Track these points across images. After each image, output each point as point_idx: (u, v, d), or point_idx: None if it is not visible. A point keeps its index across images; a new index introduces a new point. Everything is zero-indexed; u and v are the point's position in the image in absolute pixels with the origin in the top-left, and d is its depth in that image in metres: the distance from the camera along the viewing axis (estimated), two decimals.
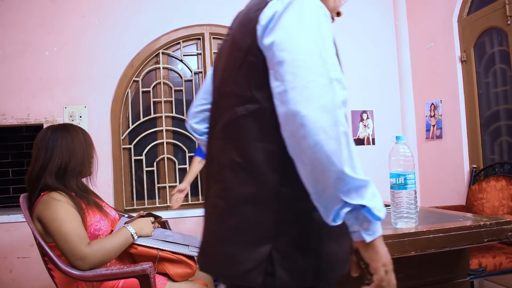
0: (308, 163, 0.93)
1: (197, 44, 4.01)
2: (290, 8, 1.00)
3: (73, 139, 1.94)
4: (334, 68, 0.96)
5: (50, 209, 1.77)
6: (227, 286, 1.16)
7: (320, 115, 0.91)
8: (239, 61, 1.09)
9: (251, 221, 1.04)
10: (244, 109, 1.06)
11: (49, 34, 3.61)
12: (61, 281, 1.89)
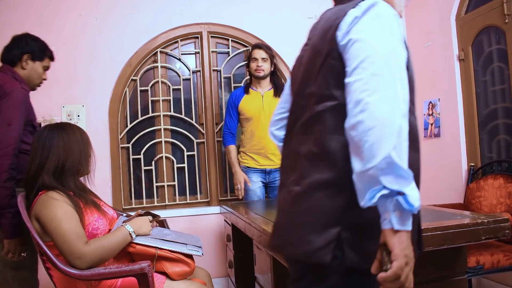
0: (360, 145, 1.02)
1: (195, 43, 4.01)
2: (367, 14, 1.14)
3: (70, 138, 1.94)
4: (398, 70, 1.08)
5: (48, 208, 1.77)
6: (297, 267, 1.27)
7: (380, 105, 1.02)
8: (319, 65, 1.22)
9: (323, 205, 1.14)
10: (323, 106, 1.19)
11: (47, 33, 3.59)
12: (59, 280, 1.88)
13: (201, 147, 3.97)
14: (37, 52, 2.41)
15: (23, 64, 2.36)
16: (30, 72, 2.38)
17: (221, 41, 4.06)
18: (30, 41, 2.41)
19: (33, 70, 2.40)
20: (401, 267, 1.00)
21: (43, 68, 2.45)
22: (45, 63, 2.46)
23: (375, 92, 1.03)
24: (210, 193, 3.92)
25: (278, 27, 4.07)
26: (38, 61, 2.42)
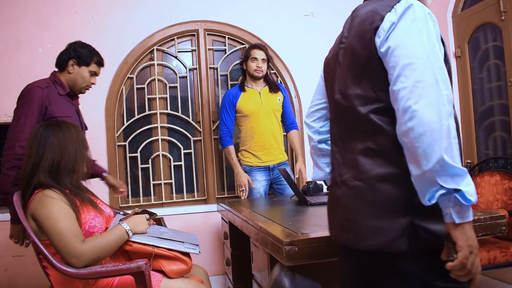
0: (413, 150, 1.10)
1: (192, 41, 4.00)
2: (403, 18, 1.20)
3: (65, 136, 1.93)
4: (440, 71, 1.13)
5: (44, 206, 1.76)
6: (365, 258, 1.30)
7: (427, 110, 1.08)
8: (361, 68, 1.29)
9: (391, 197, 1.21)
10: (372, 107, 1.26)
11: (43, 31, 3.59)
12: (56, 279, 1.88)
13: (198, 145, 3.96)
14: (83, 57, 2.58)
15: (69, 69, 2.57)
16: (76, 76, 2.58)
17: (218, 38, 4.06)
18: (77, 48, 2.60)
19: (79, 74, 2.59)
20: (466, 257, 1.09)
21: (90, 73, 2.62)
22: (92, 68, 2.63)
23: (420, 98, 1.10)
24: (207, 191, 3.92)
25: (275, 25, 4.07)
26: (84, 66, 2.59)
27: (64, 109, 2.52)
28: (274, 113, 3.52)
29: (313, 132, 1.73)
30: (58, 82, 2.57)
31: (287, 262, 1.48)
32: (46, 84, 2.50)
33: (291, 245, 1.48)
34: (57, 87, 2.54)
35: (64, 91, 2.56)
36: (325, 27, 4.20)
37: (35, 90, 2.43)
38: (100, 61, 2.70)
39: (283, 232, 1.65)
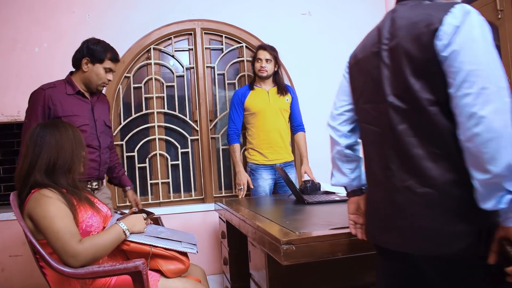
0: (478, 155, 1.12)
1: (189, 40, 4.00)
2: (465, 23, 1.20)
3: (61, 136, 1.92)
4: (501, 79, 1.16)
5: (41, 206, 1.76)
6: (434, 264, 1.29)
7: (494, 117, 1.11)
8: (420, 70, 1.27)
9: (465, 202, 1.20)
10: (434, 109, 1.24)
11: (39, 31, 3.58)
12: (53, 279, 1.87)
13: (195, 144, 3.96)
14: (96, 55, 2.60)
15: (84, 68, 2.60)
16: (90, 74, 2.61)
17: (215, 37, 4.05)
18: (90, 45, 2.62)
19: (93, 72, 2.61)
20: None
21: (105, 69, 2.63)
22: (107, 65, 2.64)
23: (486, 105, 1.12)
24: (204, 190, 3.92)
25: (272, 24, 4.06)
26: (98, 64, 2.61)
27: (71, 108, 2.55)
28: (281, 113, 3.55)
29: (340, 136, 1.66)
30: (69, 81, 2.62)
31: (285, 261, 1.48)
32: (51, 85, 2.56)
33: (288, 244, 1.48)
34: (66, 87, 2.59)
35: (73, 90, 2.60)
36: (322, 26, 4.20)
37: (37, 92, 2.52)
38: (115, 57, 2.70)
39: (280, 231, 1.65)
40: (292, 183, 2.75)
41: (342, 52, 4.22)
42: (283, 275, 1.72)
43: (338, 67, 4.34)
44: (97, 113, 2.71)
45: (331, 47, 4.20)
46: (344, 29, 4.26)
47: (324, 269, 1.73)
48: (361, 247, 1.56)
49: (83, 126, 2.56)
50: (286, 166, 3.56)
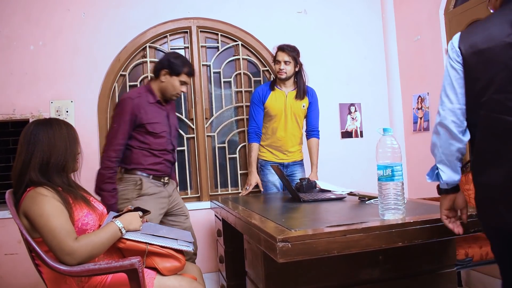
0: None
1: (185, 38, 3.99)
2: None
3: (54, 134, 1.91)
4: None
5: (36, 204, 1.75)
6: None
7: None
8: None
9: None
10: None
11: (34, 28, 3.57)
12: (49, 276, 1.87)
13: (191, 142, 3.96)
14: (175, 68, 2.83)
15: (162, 78, 2.86)
16: (166, 85, 2.86)
17: (211, 35, 4.05)
18: (171, 58, 2.86)
19: (169, 83, 2.86)
20: None
21: (180, 82, 2.87)
22: (182, 78, 2.87)
23: None
24: (200, 188, 3.92)
25: (267, 22, 4.07)
26: (174, 76, 2.85)
27: (153, 116, 2.83)
28: (296, 119, 3.53)
29: (461, 132, 1.60)
30: (150, 90, 2.88)
31: (281, 258, 1.48)
32: (137, 94, 2.82)
33: (284, 242, 1.48)
34: (148, 96, 2.85)
35: (154, 99, 2.87)
36: (318, 24, 4.21)
37: (126, 101, 2.76)
38: (190, 72, 2.92)
39: (276, 229, 1.65)
40: (288, 181, 2.75)
41: (339, 49, 4.24)
42: (279, 273, 1.72)
43: (334, 64, 4.36)
44: (171, 120, 3.00)
45: (327, 45, 4.21)
46: (339, 27, 4.27)
47: (320, 267, 1.74)
48: (356, 244, 1.56)
49: (163, 132, 2.87)
50: (295, 164, 3.59)
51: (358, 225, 1.61)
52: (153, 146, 2.83)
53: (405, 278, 1.85)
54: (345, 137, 4.23)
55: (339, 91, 4.23)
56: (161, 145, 2.86)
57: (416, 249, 1.82)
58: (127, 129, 2.73)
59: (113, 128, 2.74)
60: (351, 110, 4.25)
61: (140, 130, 2.79)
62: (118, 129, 2.70)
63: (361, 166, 4.18)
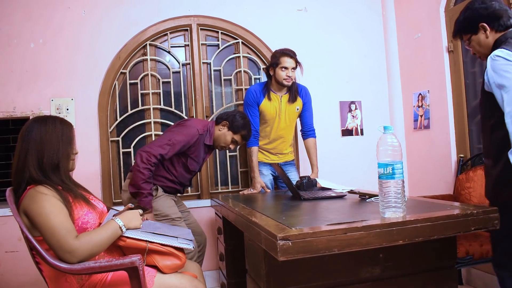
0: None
1: (185, 36, 3.99)
2: None
3: (47, 131, 1.89)
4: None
5: (36, 203, 1.75)
6: None
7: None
8: None
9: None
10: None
11: (35, 26, 3.56)
12: (49, 274, 1.87)
13: None
14: (235, 126, 3.08)
15: (220, 127, 3.11)
16: (220, 136, 3.11)
17: (211, 33, 4.04)
18: (237, 116, 3.11)
19: (224, 135, 3.10)
20: None
21: (232, 139, 3.11)
22: (236, 138, 3.12)
23: None
24: (201, 186, 3.92)
25: (268, 20, 4.06)
26: (231, 132, 3.09)
27: (198, 154, 3.05)
28: (290, 122, 3.49)
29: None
30: (210, 134, 3.09)
31: (281, 257, 1.48)
32: (203, 130, 3.04)
33: (284, 240, 1.48)
34: (206, 137, 3.06)
35: (209, 142, 3.09)
36: (318, 21, 4.20)
37: (194, 132, 2.97)
38: (246, 137, 3.16)
39: (277, 227, 1.65)
40: (289, 179, 2.75)
41: (340, 46, 4.24)
42: (279, 271, 1.72)
43: (334, 62, 4.36)
44: (205, 157, 3.19)
45: (327, 43, 4.20)
46: (340, 25, 4.26)
47: (320, 265, 1.74)
48: (357, 242, 1.56)
49: (193, 171, 3.11)
50: (286, 165, 3.57)
51: (359, 223, 1.61)
52: (179, 178, 3.06)
53: (406, 276, 1.85)
54: (345, 135, 4.23)
55: (340, 89, 4.23)
56: (184, 178, 3.10)
57: (417, 247, 1.82)
58: (175, 150, 2.88)
59: (166, 139, 2.88)
60: (352, 108, 4.24)
61: (179, 157, 3.01)
62: (168, 144, 2.85)
63: (362, 164, 4.18)
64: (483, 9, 2.05)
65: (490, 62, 1.90)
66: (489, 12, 2.04)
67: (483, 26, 2.05)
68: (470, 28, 2.10)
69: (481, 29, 2.06)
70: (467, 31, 2.13)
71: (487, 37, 2.06)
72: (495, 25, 2.03)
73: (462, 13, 2.14)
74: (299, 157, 4.05)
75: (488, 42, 2.06)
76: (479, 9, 2.06)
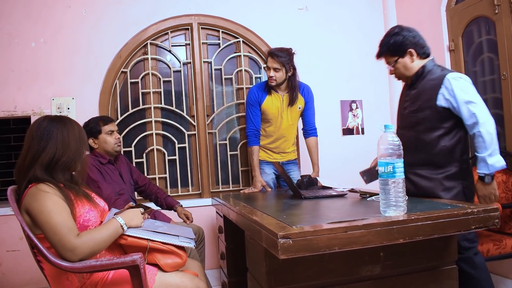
0: None
1: (186, 35, 3.99)
2: None
3: (68, 133, 1.91)
4: None
5: (38, 201, 1.75)
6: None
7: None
8: None
9: None
10: None
11: (36, 25, 3.57)
12: (50, 273, 1.87)
13: (192, 139, 3.96)
14: (94, 131, 2.91)
15: (92, 144, 2.92)
16: (101, 145, 2.95)
17: (212, 32, 4.05)
18: (84, 127, 2.83)
19: (101, 142, 2.94)
20: None
21: (106, 134, 2.94)
22: (104, 131, 2.94)
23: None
24: (201, 185, 3.92)
25: (269, 18, 4.06)
26: (98, 135, 2.93)
27: (101, 179, 2.87)
28: (292, 121, 3.48)
29: None
30: (95, 154, 2.95)
31: (282, 255, 1.48)
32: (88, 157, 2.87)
33: (285, 238, 1.48)
34: (97, 158, 2.93)
35: (105, 158, 2.97)
36: (319, 20, 4.20)
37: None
38: (105, 120, 3.00)
39: (277, 225, 1.65)
40: (289, 178, 2.75)
41: (341, 45, 4.24)
42: (280, 269, 1.72)
43: (335, 61, 4.36)
44: (121, 174, 3.06)
45: (328, 42, 4.20)
46: (341, 24, 4.26)
47: (321, 263, 1.74)
48: (357, 241, 1.56)
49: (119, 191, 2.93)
50: (289, 164, 3.57)
51: (359, 222, 1.61)
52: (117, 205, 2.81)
53: (406, 275, 1.85)
54: (346, 134, 4.23)
55: (340, 88, 4.23)
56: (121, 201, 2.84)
57: (417, 245, 1.82)
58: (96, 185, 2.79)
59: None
60: (353, 107, 4.24)
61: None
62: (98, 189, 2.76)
63: (363, 163, 4.16)
64: (411, 37, 2.38)
65: (453, 82, 2.24)
66: (416, 40, 2.39)
67: (410, 52, 2.37)
68: (398, 52, 2.40)
69: (408, 54, 2.38)
70: (395, 54, 2.41)
71: (413, 61, 2.39)
72: (420, 52, 2.38)
73: (389, 37, 2.44)
74: (300, 156, 4.05)
75: (413, 66, 2.40)
76: (408, 37, 2.38)
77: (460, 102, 2.21)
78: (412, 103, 2.43)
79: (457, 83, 2.24)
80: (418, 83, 2.41)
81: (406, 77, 2.46)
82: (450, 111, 2.27)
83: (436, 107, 2.29)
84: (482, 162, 2.23)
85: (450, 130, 2.30)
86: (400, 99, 2.62)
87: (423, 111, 2.35)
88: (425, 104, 2.34)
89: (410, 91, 2.47)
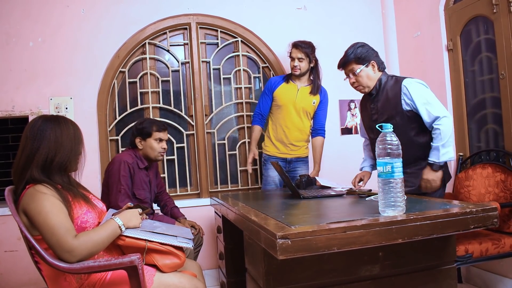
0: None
1: (184, 34, 3.99)
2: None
3: (62, 133, 1.90)
4: None
5: (35, 202, 1.75)
6: None
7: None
8: None
9: None
10: None
11: (34, 25, 3.56)
12: (48, 273, 1.87)
13: (191, 139, 3.96)
14: (145, 132, 2.97)
15: (138, 144, 2.98)
16: (145, 149, 2.99)
17: (210, 32, 4.04)
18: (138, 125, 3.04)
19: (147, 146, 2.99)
20: None
21: (155, 141, 2.98)
22: (155, 137, 2.99)
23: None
24: (200, 185, 3.91)
25: (267, 18, 4.06)
26: (148, 138, 2.98)
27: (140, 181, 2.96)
28: (305, 113, 3.60)
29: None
30: (138, 157, 3.00)
31: (280, 255, 1.48)
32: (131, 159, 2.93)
33: (284, 238, 1.48)
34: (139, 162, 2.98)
35: (144, 164, 3.02)
36: (318, 20, 4.20)
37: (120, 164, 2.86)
38: (159, 126, 3.03)
39: (276, 225, 1.65)
40: (288, 178, 2.75)
41: (339, 45, 4.22)
42: (279, 270, 1.72)
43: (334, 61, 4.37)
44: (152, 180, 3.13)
45: (327, 41, 4.19)
46: (339, 23, 4.26)
47: (320, 263, 1.74)
48: (356, 241, 1.56)
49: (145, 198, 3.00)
50: (298, 161, 3.63)
51: (358, 222, 1.61)
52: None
53: (405, 275, 1.85)
54: (345, 133, 4.23)
55: (339, 87, 4.21)
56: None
57: (416, 245, 1.82)
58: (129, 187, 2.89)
59: (120, 190, 2.84)
60: (351, 106, 4.24)
61: None
62: (124, 190, 2.85)
63: (360, 162, 4.16)
64: (373, 50, 2.69)
65: (409, 87, 2.56)
66: (376, 54, 2.70)
67: (373, 64, 2.66)
68: (364, 61, 2.65)
69: (370, 65, 2.66)
70: (361, 62, 2.65)
71: (374, 72, 2.68)
72: (379, 65, 2.69)
73: (355, 48, 2.68)
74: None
75: (375, 77, 2.68)
76: (371, 51, 2.68)
77: (418, 105, 2.53)
78: (381, 114, 2.69)
79: (413, 87, 2.56)
80: (380, 95, 2.70)
81: (367, 87, 2.72)
82: (415, 112, 2.57)
83: (403, 112, 2.59)
84: (435, 150, 2.48)
85: (422, 128, 2.59)
86: (364, 113, 2.91)
87: (393, 118, 2.61)
88: (393, 111, 2.61)
89: (375, 104, 2.74)
